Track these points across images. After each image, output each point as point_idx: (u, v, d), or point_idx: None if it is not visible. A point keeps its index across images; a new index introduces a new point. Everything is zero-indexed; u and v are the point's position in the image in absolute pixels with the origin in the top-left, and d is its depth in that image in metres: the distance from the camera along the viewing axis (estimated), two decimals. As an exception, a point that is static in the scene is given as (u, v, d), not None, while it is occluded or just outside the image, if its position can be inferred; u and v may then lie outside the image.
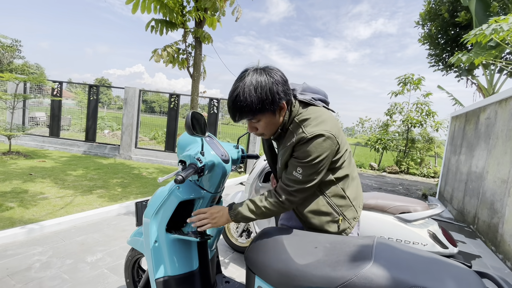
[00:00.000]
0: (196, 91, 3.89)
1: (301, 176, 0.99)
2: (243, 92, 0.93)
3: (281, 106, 1.00)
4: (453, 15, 6.41)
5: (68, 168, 4.95)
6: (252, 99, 0.93)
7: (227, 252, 2.40)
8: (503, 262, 2.93)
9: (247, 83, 0.94)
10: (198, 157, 1.08)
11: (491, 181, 3.63)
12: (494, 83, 6.09)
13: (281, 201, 1.02)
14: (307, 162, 0.97)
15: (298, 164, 0.99)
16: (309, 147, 0.96)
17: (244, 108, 0.95)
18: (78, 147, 6.80)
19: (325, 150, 0.97)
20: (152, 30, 3.51)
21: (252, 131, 1.07)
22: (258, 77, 0.95)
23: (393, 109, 11.86)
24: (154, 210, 1.22)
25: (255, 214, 1.05)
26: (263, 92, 0.93)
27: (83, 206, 3.14)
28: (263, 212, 1.05)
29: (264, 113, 0.98)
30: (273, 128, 1.06)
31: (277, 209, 1.04)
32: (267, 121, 1.01)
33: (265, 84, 0.94)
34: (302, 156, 0.98)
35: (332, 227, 1.11)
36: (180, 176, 0.95)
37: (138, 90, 6.47)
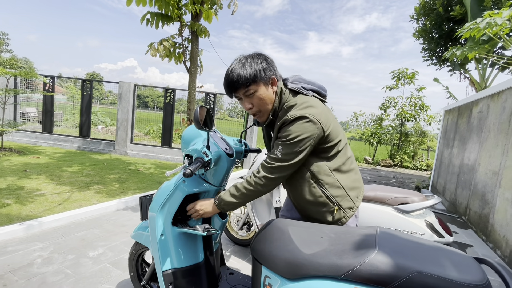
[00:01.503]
0: (193, 86, 3.87)
1: (280, 154, 1.03)
2: (236, 67, 1.03)
3: (273, 79, 1.08)
4: (448, 9, 6.46)
5: (63, 164, 4.90)
6: (246, 69, 1.02)
7: (228, 245, 2.43)
8: (493, 251, 3.04)
9: (240, 60, 1.05)
10: (204, 151, 1.09)
11: (482, 173, 3.74)
12: (486, 77, 6.20)
13: (258, 177, 1.05)
14: (287, 140, 1.02)
15: (279, 143, 1.04)
16: (291, 127, 1.02)
17: (239, 78, 1.02)
18: (72, 143, 6.70)
19: (305, 131, 1.01)
20: (147, 23, 3.46)
21: (247, 108, 1.10)
22: (249, 56, 1.07)
23: (387, 103, 11.98)
24: (160, 204, 1.24)
25: (236, 198, 1.08)
26: (254, 63, 1.03)
27: (81, 202, 3.12)
28: (244, 194, 1.07)
29: (257, 82, 1.04)
30: (267, 103, 1.09)
31: (256, 187, 1.06)
32: (261, 93, 1.06)
33: (256, 58, 1.05)
34: (283, 135, 1.03)
35: (328, 216, 1.15)
36: (188, 169, 0.96)
37: (133, 84, 6.38)
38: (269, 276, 1.00)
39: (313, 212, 1.15)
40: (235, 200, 1.08)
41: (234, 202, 1.08)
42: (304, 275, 0.89)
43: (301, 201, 1.16)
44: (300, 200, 1.16)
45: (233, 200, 1.08)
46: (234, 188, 1.09)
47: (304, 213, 1.19)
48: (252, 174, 1.07)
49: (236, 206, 1.10)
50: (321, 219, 1.15)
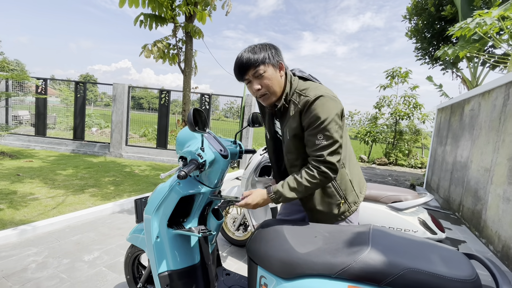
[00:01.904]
0: (188, 87, 3.86)
1: (324, 140, 1.02)
2: (246, 52, 1.07)
3: (280, 64, 1.10)
4: (439, 9, 6.55)
5: (57, 167, 4.84)
6: (255, 52, 1.06)
7: (224, 246, 2.43)
8: (486, 246, 3.10)
9: (249, 47, 1.10)
10: (199, 153, 1.10)
11: (475, 170, 3.80)
12: (477, 76, 6.30)
13: (322, 171, 1.03)
14: (320, 124, 1.02)
15: (314, 132, 1.03)
16: (316, 109, 1.02)
17: (249, 60, 1.05)
18: (66, 146, 6.63)
19: (331, 109, 1.03)
20: (141, 24, 3.44)
21: (256, 89, 1.10)
22: (258, 44, 1.11)
23: (381, 102, 12.10)
24: (155, 206, 1.24)
25: (297, 192, 1.06)
26: (263, 50, 1.07)
27: (75, 206, 3.09)
28: (307, 188, 1.06)
29: (266, 64, 1.06)
30: (275, 85, 1.10)
31: (321, 181, 1.05)
32: (270, 74, 1.07)
33: (265, 46, 1.09)
34: (313, 121, 1.03)
35: (334, 209, 1.16)
36: (183, 171, 0.97)
37: (127, 86, 6.34)
38: (265, 276, 1.01)
39: (319, 203, 1.16)
40: (296, 195, 1.06)
41: (294, 197, 1.07)
42: (299, 274, 0.90)
43: (310, 196, 1.18)
44: (310, 195, 1.17)
45: (294, 195, 1.06)
46: (295, 183, 1.06)
47: (308, 205, 1.18)
48: (313, 170, 1.04)
49: (293, 200, 1.10)
50: (326, 211, 1.16)
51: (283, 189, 1.08)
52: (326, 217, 1.18)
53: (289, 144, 1.14)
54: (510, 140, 2.92)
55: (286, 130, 1.14)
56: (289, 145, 1.15)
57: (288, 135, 1.13)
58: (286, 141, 1.16)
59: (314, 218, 1.20)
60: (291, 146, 1.14)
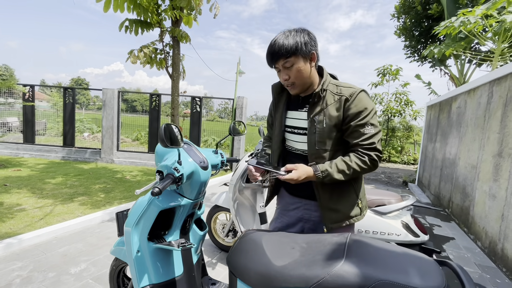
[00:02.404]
0: (176, 91, 3.84)
1: (372, 129, 1.07)
2: (281, 37, 1.07)
3: (312, 55, 1.10)
4: (426, 7, 6.63)
5: (46, 176, 4.76)
6: (288, 41, 1.05)
7: (214, 253, 2.43)
8: (474, 242, 3.15)
9: (284, 32, 1.09)
10: (175, 166, 1.09)
11: (462, 167, 3.86)
12: (465, 73, 6.40)
13: (372, 159, 1.07)
14: (368, 114, 1.07)
15: (363, 122, 1.07)
16: (363, 100, 1.08)
17: (280, 48, 1.05)
18: (56, 153, 6.53)
19: (372, 102, 1.11)
20: (126, 30, 3.40)
21: (284, 78, 1.12)
22: (293, 30, 1.10)
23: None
24: (135, 220, 1.22)
25: (345, 175, 1.07)
26: (297, 37, 1.06)
27: (64, 216, 3.05)
28: (355, 172, 1.07)
29: (297, 55, 1.07)
30: (304, 77, 1.11)
31: (369, 167, 1.08)
32: (299, 66, 1.08)
33: (300, 33, 1.08)
34: (361, 111, 1.07)
35: (349, 209, 1.16)
36: (156, 188, 0.96)
37: (116, 91, 6.27)
38: (244, 289, 1.01)
39: (336, 202, 1.14)
40: (343, 177, 1.07)
41: (341, 179, 1.07)
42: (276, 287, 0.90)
43: (327, 188, 1.13)
44: (329, 188, 1.13)
45: (341, 176, 1.07)
46: (345, 165, 1.07)
47: (325, 203, 1.15)
48: (363, 155, 1.07)
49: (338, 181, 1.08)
50: (342, 211, 1.15)
51: (332, 169, 1.06)
52: (341, 217, 1.15)
53: (322, 133, 1.10)
54: (495, 137, 2.97)
55: (321, 118, 1.10)
56: (322, 134, 1.11)
57: (324, 124, 1.10)
58: (318, 130, 1.11)
59: (329, 217, 1.16)
60: (325, 136, 1.10)
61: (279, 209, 1.35)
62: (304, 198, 1.23)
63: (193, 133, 6.41)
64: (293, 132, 1.22)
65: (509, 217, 2.52)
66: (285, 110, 1.26)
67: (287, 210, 1.29)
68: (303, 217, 1.24)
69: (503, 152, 2.77)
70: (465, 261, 2.65)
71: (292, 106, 1.24)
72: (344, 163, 1.07)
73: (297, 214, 1.25)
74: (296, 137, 1.21)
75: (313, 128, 1.12)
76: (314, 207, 1.20)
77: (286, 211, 1.30)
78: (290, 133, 1.24)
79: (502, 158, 2.77)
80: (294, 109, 1.23)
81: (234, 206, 2.13)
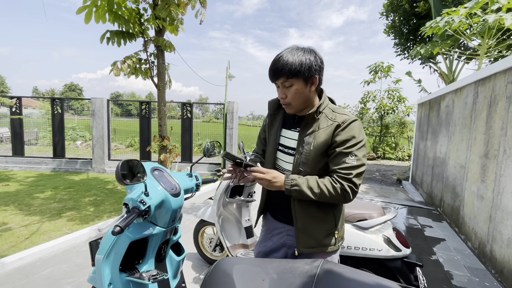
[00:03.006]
0: (162, 101, 3.79)
1: (355, 161, 1.03)
2: (286, 55, 1.05)
3: (314, 79, 1.07)
4: (413, 5, 6.64)
5: (35, 190, 4.69)
6: (293, 59, 1.03)
7: (202, 267, 2.40)
8: (464, 243, 3.16)
9: (291, 50, 1.06)
10: (141, 199, 1.06)
11: (452, 166, 3.87)
12: (453, 69, 6.43)
13: (344, 189, 1.01)
14: (355, 144, 1.04)
15: (348, 150, 1.03)
16: (354, 129, 1.05)
17: (284, 66, 1.03)
18: (46, 165, 6.44)
19: (364, 135, 1.08)
20: (108, 42, 3.35)
21: (281, 96, 1.11)
22: (301, 49, 1.07)
23: (366, 97, 12.23)
24: (106, 251, 1.19)
25: (312, 193, 1.03)
26: (303, 58, 1.04)
27: (50, 233, 3.00)
28: (322, 195, 1.02)
29: (298, 77, 1.05)
30: (301, 100, 1.09)
31: (338, 196, 1.02)
32: (298, 88, 1.06)
33: (307, 54, 1.05)
34: (349, 139, 1.04)
35: (325, 237, 1.12)
36: (117, 227, 0.92)
37: (105, 100, 6.20)
38: (214, 325, 0.98)
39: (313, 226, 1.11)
40: (310, 194, 1.03)
41: (307, 195, 1.03)
42: (243, 325, 0.88)
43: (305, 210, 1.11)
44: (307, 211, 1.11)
45: (309, 193, 1.03)
46: (315, 184, 1.03)
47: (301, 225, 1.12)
48: (335, 182, 1.02)
49: (305, 198, 1.04)
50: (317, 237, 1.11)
51: (301, 180, 1.04)
52: (313, 243, 1.12)
53: (308, 155, 1.09)
54: (481, 138, 2.98)
55: (310, 140, 1.09)
56: (307, 157, 1.09)
57: (311, 146, 1.08)
58: (304, 151, 1.09)
59: (302, 241, 1.13)
60: (310, 158, 1.08)
61: (263, 231, 1.33)
62: (287, 224, 1.21)
63: (185, 139, 6.37)
64: (284, 151, 1.20)
65: (497, 219, 2.53)
66: (280, 128, 1.23)
67: (271, 235, 1.27)
68: (285, 243, 1.21)
69: (489, 153, 2.77)
70: (455, 264, 2.65)
71: (287, 125, 1.22)
72: (315, 182, 1.05)
73: (280, 240, 1.23)
74: (286, 157, 1.19)
75: (301, 148, 1.11)
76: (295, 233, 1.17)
77: (270, 236, 1.28)
78: (281, 152, 1.21)
79: (488, 159, 2.77)
80: (289, 128, 1.21)
81: (219, 222, 2.10)
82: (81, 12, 3.23)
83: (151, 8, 3.50)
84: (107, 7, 3.14)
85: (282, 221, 1.21)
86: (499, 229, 2.48)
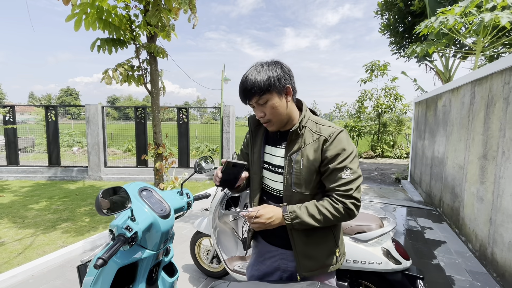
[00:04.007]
0: (156, 108, 3.73)
1: (351, 174, 0.99)
2: (252, 73, 1.01)
3: (287, 89, 1.04)
4: (408, 4, 6.61)
5: (30, 201, 4.62)
6: (260, 77, 0.99)
7: (200, 280, 2.35)
8: (465, 245, 3.12)
9: (255, 68, 1.03)
10: (127, 225, 1.00)
11: (450, 167, 3.84)
12: (450, 67, 6.41)
13: (347, 208, 0.97)
14: (348, 157, 1.00)
15: (341, 165, 0.99)
16: (343, 141, 1.01)
17: (253, 86, 1.00)
18: (42, 174, 6.36)
19: (352, 144, 1.04)
20: (99, 50, 3.29)
21: (259, 116, 1.06)
22: (265, 64, 1.04)
23: (363, 96, 12.22)
24: (93, 279, 1.14)
25: (315, 220, 0.98)
26: (269, 71, 1.01)
27: (44, 247, 2.94)
28: (326, 219, 0.98)
29: (271, 92, 1.01)
30: (279, 114, 1.04)
31: (343, 216, 0.98)
32: (274, 103, 1.02)
33: (272, 67, 1.02)
34: (340, 153, 1.00)
35: (327, 258, 1.08)
36: (100, 260, 0.87)
37: (100, 107, 6.13)
38: None
39: (314, 248, 1.06)
40: (313, 222, 0.98)
41: (311, 224, 0.98)
42: None
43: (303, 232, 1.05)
44: (305, 235, 1.05)
45: (312, 221, 0.98)
46: (316, 210, 0.98)
47: (300, 248, 1.06)
48: (337, 203, 0.98)
49: (309, 227, 0.99)
50: (319, 258, 1.06)
51: (301, 211, 0.99)
52: (315, 265, 1.07)
53: (299, 175, 1.03)
54: (479, 139, 2.95)
55: (299, 158, 1.03)
56: (299, 176, 1.03)
57: (301, 165, 1.03)
58: (294, 171, 1.04)
59: (304, 265, 1.06)
60: (302, 177, 1.03)
61: (255, 254, 1.27)
62: (280, 247, 1.15)
63: (182, 144, 6.31)
64: (271, 170, 1.14)
65: (497, 221, 2.49)
66: (264, 145, 1.18)
67: (263, 258, 1.22)
68: (279, 267, 1.16)
69: (487, 154, 2.74)
70: (456, 267, 2.62)
71: (271, 141, 1.17)
72: (315, 207, 0.99)
73: (274, 263, 1.17)
74: (273, 176, 1.13)
75: (290, 168, 1.05)
76: (290, 256, 1.11)
77: (262, 259, 1.22)
78: (268, 171, 1.16)
79: (487, 161, 2.74)
80: (273, 145, 1.15)
81: (215, 234, 2.06)
82: (70, 20, 3.17)
83: (142, 14, 3.44)
84: (97, 14, 3.08)
85: (275, 244, 1.15)
86: (500, 232, 2.44)
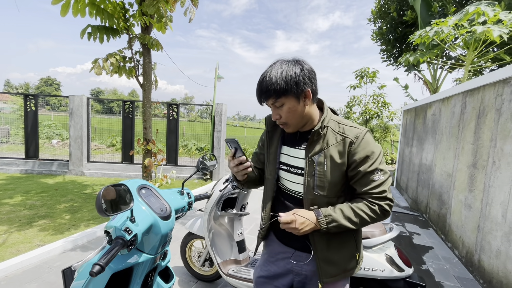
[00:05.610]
0: (148, 102, 3.58)
1: (382, 175, 0.97)
2: (270, 74, 0.96)
3: (306, 93, 0.97)
4: (401, 14, 6.79)
5: (3, 195, 4.30)
6: (277, 79, 0.94)
7: (190, 283, 2.24)
8: (451, 251, 3.20)
9: (275, 67, 0.97)
10: (126, 227, 0.91)
11: (438, 174, 3.94)
12: (437, 78, 6.63)
13: (383, 209, 0.96)
14: (377, 159, 0.97)
15: (372, 167, 0.96)
16: (370, 143, 0.98)
17: (269, 88, 0.95)
18: (17, 166, 5.96)
19: (378, 144, 1.01)
20: (89, 37, 3.10)
21: (275, 118, 1.02)
22: (285, 63, 0.97)
23: (352, 102, 12.45)
24: (83, 283, 1.03)
25: (352, 223, 0.95)
26: (288, 74, 0.94)
27: (19, 246, 2.72)
28: (363, 221, 0.95)
29: (287, 96, 0.96)
30: (296, 117, 1.00)
31: (379, 217, 0.97)
32: (290, 107, 0.97)
33: (292, 68, 0.96)
34: (369, 155, 0.96)
35: (348, 262, 1.05)
36: (97, 266, 0.77)
37: (85, 98, 5.83)
38: None
39: (336, 253, 1.02)
40: (350, 224, 0.94)
41: (348, 227, 0.95)
42: None
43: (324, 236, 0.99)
44: (327, 239, 1.00)
45: (348, 225, 0.94)
46: (352, 212, 0.95)
47: (323, 254, 1.01)
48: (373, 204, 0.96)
49: (345, 230, 0.96)
50: (341, 263, 1.03)
51: (336, 214, 0.95)
52: (337, 271, 1.02)
53: (322, 177, 0.98)
54: (469, 148, 3.03)
55: (321, 160, 0.99)
56: (322, 178, 0.98)
57: (325, 167, 0.98)
58: (317, 173, 0.99)
59: (325, 271, 1.02)
60: (326, 180, 0.98)
61: (266, 254, 1.20)
62: (295, 249, 1.09)
63: (170, 141, 6.12)
64: (289, 171, 1.08)
65: (485, 229, 2.56)
66: (281, 145, 1.12)
67: (275, 259, 1.15)
68: (293, 269, 1.09)
69: (477, 163, 2.82)
70: (444, 273, 2.67)
71: (289, 142, 1.10)
72: (350, 209, 0.95)
73: (287, 265, 1.11)
74: (291, 177, 1.07)
75: (311, 169, 1.00)
76: (305, 259, 1.06)
77: (274, 260, 1.15)
78: (286, 172, 1.10)
79: (477, 170, 2.81)
80: (291, 145, 1.09)
81: (209, 236, 1.96)
82: (57, 3, 2.96)
83: (137, 3, 3.29)
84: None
85: (291, 245, 1.09)
86: (487, 239, 2.51)
